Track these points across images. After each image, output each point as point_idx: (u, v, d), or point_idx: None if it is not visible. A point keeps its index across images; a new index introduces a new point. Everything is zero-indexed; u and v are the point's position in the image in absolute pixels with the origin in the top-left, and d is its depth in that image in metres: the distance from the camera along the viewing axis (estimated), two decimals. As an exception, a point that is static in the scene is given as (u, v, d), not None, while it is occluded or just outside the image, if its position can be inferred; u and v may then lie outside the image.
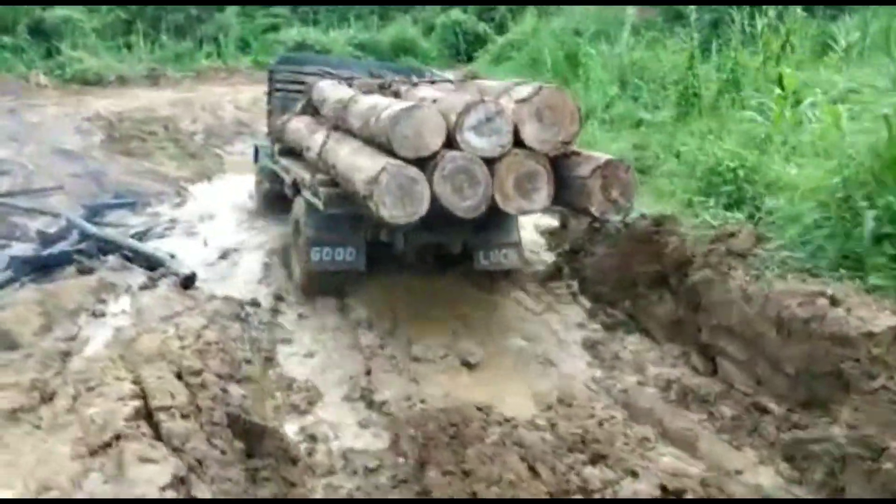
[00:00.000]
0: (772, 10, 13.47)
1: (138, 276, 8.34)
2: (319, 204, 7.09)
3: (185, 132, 18.49)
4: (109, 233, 10.00)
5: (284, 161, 9.19)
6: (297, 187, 8.29)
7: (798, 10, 13.43)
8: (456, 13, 29.17)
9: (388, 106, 6.51)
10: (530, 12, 22.09)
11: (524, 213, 6.59)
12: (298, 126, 9.00)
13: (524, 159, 6.17)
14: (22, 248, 9.93)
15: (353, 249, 7.58)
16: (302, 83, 10.11)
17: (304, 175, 7.89)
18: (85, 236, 9.88)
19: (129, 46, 30.28)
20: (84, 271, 8.87)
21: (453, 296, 8.17)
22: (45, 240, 10.08)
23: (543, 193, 6.24)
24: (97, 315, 6.82)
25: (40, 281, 8.60)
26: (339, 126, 7.74)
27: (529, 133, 6.17)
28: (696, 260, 6.43)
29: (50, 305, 6.61)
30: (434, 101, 6.72)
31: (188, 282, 8.48)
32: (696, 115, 12.75)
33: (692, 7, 16.06)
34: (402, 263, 8.27)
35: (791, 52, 13.14)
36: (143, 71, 26.90)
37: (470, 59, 27.49)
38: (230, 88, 25.02)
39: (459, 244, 7.83)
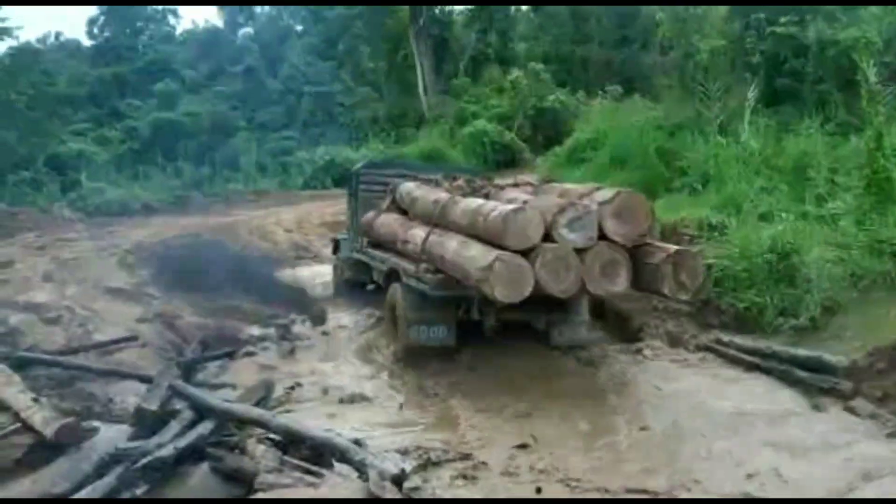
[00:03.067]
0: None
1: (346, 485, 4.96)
2: (427, 288, 7.65)
3: (240, 259, 15.26)
4: (240, 407, 6.64)
5: (375, 252, 9.79)
6: (393, 275, 8.85)
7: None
8: (482, 123, 26.75)
9: (494, 207, 7.06)
10: (597, 111, 19.60)
11: (609, 294, 7.21)
12: (389, 222, 9.50)
13: (607, 249, 6.73)
14: (114, 434, 6.59)
15: (446, 328, 8.04)
16: (385, 184, 10.48)
17: (404, 264, 8.45)
18: (201, 410, 6.56)
19: (145, 176, 27.54)
20: (227, 473, 5.56)
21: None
22: (145, 419, 6.76)
23: (623, 277, 6.79)
24: None
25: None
26: (438, 223, 8.09)
27: (611, 228, 6.78)
28: None
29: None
30: (524, 201, 7.29)
31: (398, 481, 5.18)
32: (891, 203, 9.89)
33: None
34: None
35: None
36: (169, 198, 23.82)
37: (498, 166, 24.90)
38: (264, 211, 22.00)
39: (543, 321, 8.24)
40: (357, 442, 5.65)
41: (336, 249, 12.45)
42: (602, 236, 6.76)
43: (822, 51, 14.53)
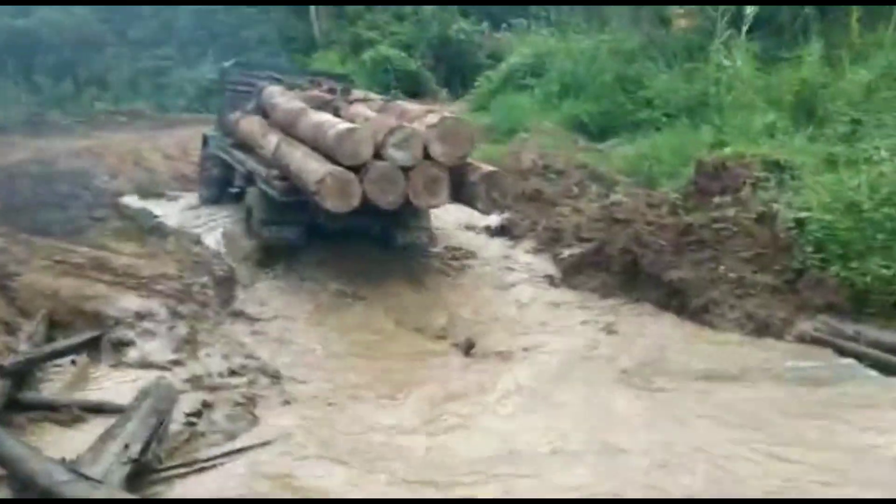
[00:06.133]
0: None
1: None
2: (275, 194, 7.66)
3: (108, 192, 11.26)
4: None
5: (237, 153, 9.51)
6: (250, 177, 8.75)
7: None
8: (384, 49, 23.14)
9: (333, 125, 7.30)
10: (536, 32, 16.29)
11: (431, 207, 7.64)
12: (251, 126, 9.30)
13: (430, 168, 7.06)
14: None
15: (296, 228, 7.96)
16: (251, 85, 10.25)
17: (259, 168, 8.37)
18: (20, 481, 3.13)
19: (-6, 91, 22.15)
20: None
21: None
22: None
23: (444, 193, 7.17)
24: None
25: None
26: (290, 132, 8.19)
27: (435, 150, 7.08)
28: None
29: None
30: (366, 119, 7.86)
31: None
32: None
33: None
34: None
35: None
36: (22, 116, 18.87)
37: (403, 95, 21.50)
38: (139, 135, 17.57)
39: (378, 227, 8.14)
40: None
41: (205, 145, 11.72)
42: (427, 156, 7.00)
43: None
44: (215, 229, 9.49)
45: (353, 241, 8.14)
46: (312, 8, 29.00)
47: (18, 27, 25.84)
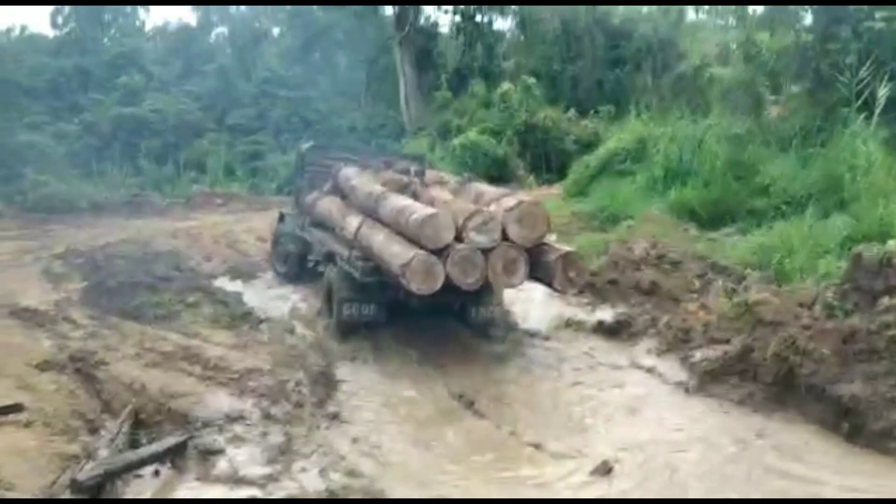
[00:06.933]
0: None
1: None
2: (357, 274, 7.69)
3: (201, 274, 10.88)
4: None
5: (316, 232, 9.76)
6: (330, 256, 8.82)
7: None
8: (473, 134, 22.83)
9: (414, 211, 7.29)
10: (636, 117, 15.64)
11: (509, 286, 7.54)
12: (330, 207, 9.48)
13: (509, 250, 7.09)
14: None
15: (376, 306, 7.90)
16: (328, 167, 10.26)
17: (339, 249, 8.45)
18: None
19: (101, 173, 22.87)
20: None
21: None
22: None
23: (522, 273, 7.15)
24: None
25: None
26: (370, 215, 8.19)
27: (513, 232, 7.13)
28: None
29: None
30: (444, 202, 7.85)
31: None
32: None
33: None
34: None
35: None
36: (123, 197, 19.20)
37: (491, 181, 20.93)
38: (234, 216, 17.57)
39: (457, 303, 8.01)
40: None
41: (281, 221, 11.76)
42: (505, 237, 7.08)
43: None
44: (302, 314, 8.93)
45: (434, 320, 8.07)
46: (402, 97, 29.35)
47: (126, 115, 26.91)
